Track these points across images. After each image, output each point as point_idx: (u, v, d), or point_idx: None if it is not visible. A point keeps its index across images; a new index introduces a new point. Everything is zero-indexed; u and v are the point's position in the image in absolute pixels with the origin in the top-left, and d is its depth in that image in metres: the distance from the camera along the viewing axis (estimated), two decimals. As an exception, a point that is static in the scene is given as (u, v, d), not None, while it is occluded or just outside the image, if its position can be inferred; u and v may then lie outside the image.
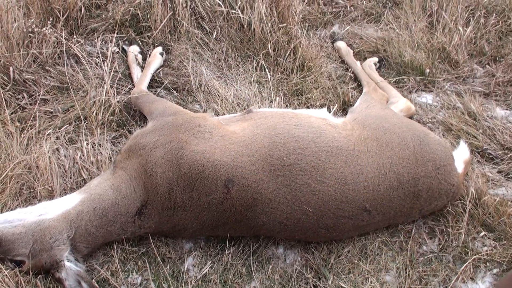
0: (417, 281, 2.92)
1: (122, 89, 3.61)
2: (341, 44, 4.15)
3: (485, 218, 3.08)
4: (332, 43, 4.24)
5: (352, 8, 4.51)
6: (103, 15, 3.95)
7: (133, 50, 3.82)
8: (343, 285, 2.87)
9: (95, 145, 3.28)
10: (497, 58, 4.15)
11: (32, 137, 3.27)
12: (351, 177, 2.77)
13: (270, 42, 3.83)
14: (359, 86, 3.85)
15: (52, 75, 3.59)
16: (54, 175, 3.05)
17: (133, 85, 3.62)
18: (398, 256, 3.02)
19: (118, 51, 3.83)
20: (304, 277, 2.93)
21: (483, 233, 3.05)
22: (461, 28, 4.12)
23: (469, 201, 3.08)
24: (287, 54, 3.85)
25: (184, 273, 2.88)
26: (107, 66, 3.55)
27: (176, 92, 3.71)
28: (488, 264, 2.97)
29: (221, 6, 3.92)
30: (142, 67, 3.77)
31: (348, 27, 4.37)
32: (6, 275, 2.50)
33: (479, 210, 3.09)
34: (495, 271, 2.95)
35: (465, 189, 3.13)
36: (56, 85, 3.56)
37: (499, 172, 3.40)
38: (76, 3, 3.81)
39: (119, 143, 3.39)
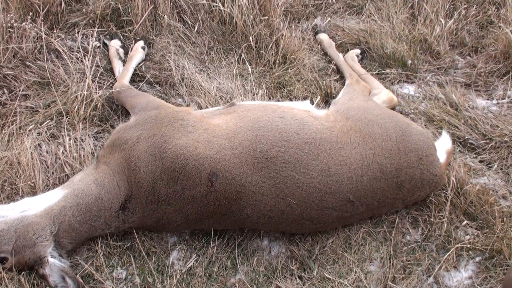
0: (401, 270, 2.94)
1: (104, 84, 3.58)
2: (323, 36, 4.15)
3: (467, 207, 3.11)
4: (315, 35, 4.24)
5: (334, 0, 4.50)
6: (84, 10, 3.91)
7: (115, 44, 3.79)
8: (328, 276, 2.88)
9: (77, 140, 3.26)
10: (478, 49, 4.18)
11: (13, 133, 3.24)
12: (335, 168, 2.78)
13: (252, 35, 3.82)
14: (342, 78, 3.86)
15: (32, 70, 3.54)
16: (36, 171, 3.02)
17: (115, 79, 3.60)
18: (382, 246, 3.04)
19: (99, 46, 3.80)
20: (289, 268, 2.95)
21: (465, 222, 3.08)
22: (442, 20, 4.14)
23: (451, 191, 3.11)
24: (269, 47, 3.84)
25: (169, 266, 2.87)
26: (88, 60, 3.52)
27: (159, 86, 3.69)
28: (470, 252, 3.00)
29: (202, -1, 3.91)
30: (124, 62, 3.74)
31: (330, 19, 4.37)
32: (-11, 273, 2.48)
33: (461, 199, 3.12)
34: (477, 259, 2.99)
35: (447, 178, 3.16)
36: (37, 80, 3.52)
37: (480, 161, 3.43)
38: (56, -3, 3.78)
39: (101, 138, 3.37)
